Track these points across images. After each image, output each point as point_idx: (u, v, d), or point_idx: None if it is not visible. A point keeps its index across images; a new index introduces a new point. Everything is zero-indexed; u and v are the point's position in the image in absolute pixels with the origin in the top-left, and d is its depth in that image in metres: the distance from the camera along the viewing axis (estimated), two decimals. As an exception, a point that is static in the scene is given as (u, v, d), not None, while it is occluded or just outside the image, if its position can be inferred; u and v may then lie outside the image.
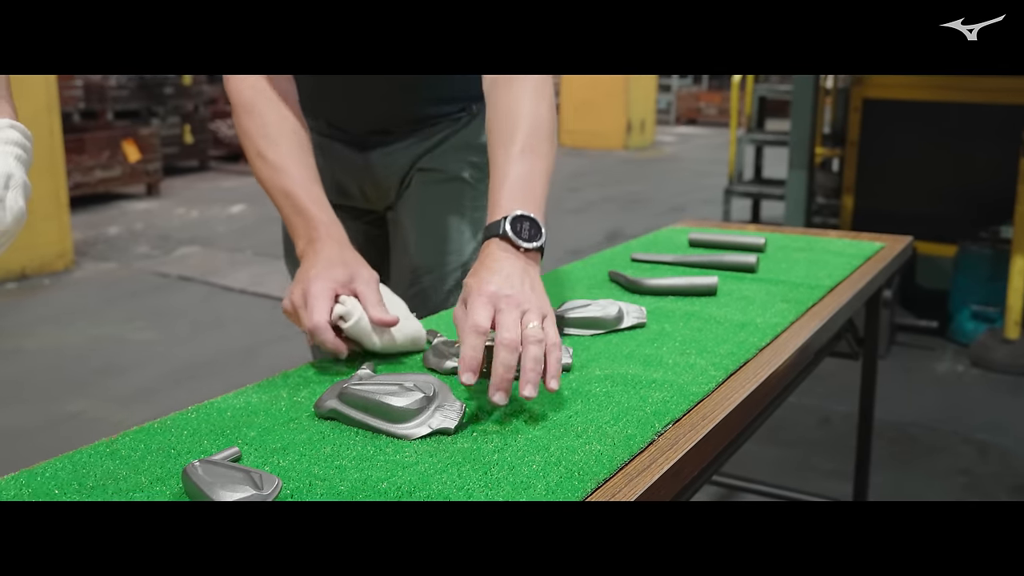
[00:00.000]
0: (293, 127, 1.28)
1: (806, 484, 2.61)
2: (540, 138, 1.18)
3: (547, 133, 1.19)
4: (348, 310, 1.11)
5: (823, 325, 1.36)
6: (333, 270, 1.14)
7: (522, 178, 1.14)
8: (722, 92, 14.43)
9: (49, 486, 0.86)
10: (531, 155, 1.15)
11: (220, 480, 0.80)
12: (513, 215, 1.09)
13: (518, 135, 1.16)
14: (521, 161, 1.15)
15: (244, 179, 8.81)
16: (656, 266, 1.66)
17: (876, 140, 4.50)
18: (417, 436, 0.93)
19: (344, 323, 1.11)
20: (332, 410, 0.98)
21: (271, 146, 1.26)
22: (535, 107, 1.19)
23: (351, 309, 1.11)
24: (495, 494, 0.81)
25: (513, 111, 1.19)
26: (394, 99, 1.47)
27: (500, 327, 0.98)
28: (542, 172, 1.16)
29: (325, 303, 1.10)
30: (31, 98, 5.15)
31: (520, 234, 1.08)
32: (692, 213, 7.18)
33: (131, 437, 0.96)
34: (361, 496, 0.82)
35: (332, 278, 1.13)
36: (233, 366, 3.84)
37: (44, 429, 3.20)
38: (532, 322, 0.99)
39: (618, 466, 0.88)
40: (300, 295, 1.12)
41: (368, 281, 1.15)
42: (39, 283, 5.16)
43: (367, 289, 1.14)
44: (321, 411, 1.00)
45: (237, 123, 1.30)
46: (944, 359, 3.90)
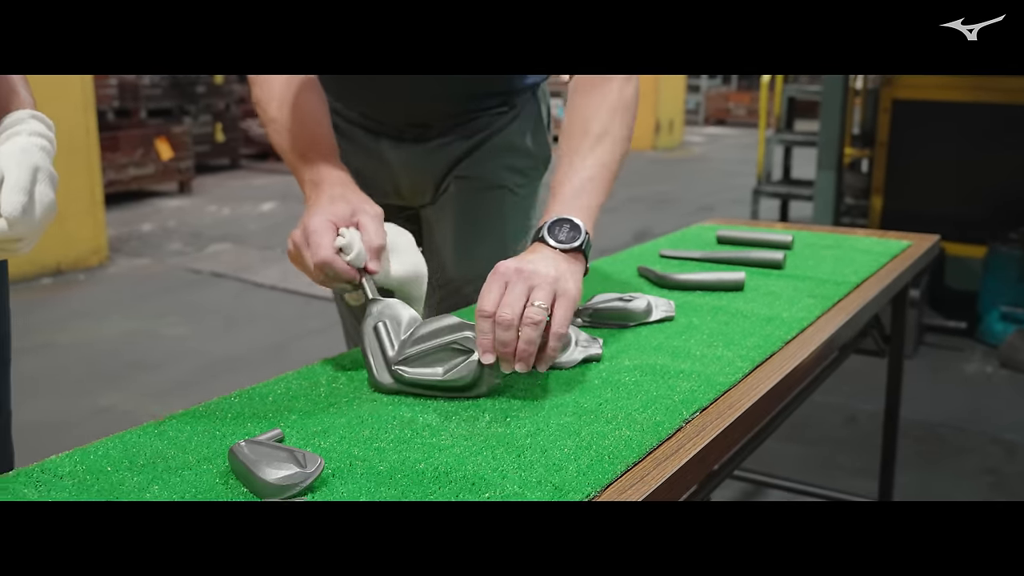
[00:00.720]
0: (300, 91, 1.31)
1: (832, 482, 2.61)
2: (605, 147, 1.21)
3: (614, 141, 1.22)
4: (348, 242, 1.11)
5: (848, 320, 1.38)
6: (334, 206, 1.15)
7: (576, 185, 1.17)
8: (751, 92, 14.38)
9: (102, 463, 0.90)
10: (592, 163, 1.19)
11: (265, 459, 0.84)
12: (553, 219, 1.13)
13: (584, 144, 1.20)
14: (581, 170, 1.18)
15: (274, 177, 8.90)
16: (684, 262, 1.69)
17: (905, 141, 4.49)
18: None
19: (345, 256, 1.11)
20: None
21: (279, 109, 1.30)
22: (609, 116, 1.23)
23: (351, 241, 1.11)
24: (528, 476, 0.85)
25: (586, 119, 1.22)
26: (433, 92, 1.46)
27: (501, 304, 1.01)
28: (599, 179, 1.19)
29: (327, 237, 1.10)
30: (68, 96, 5.24)
31: (557, 236, 1.11)
32: (720, 213, 7.18)
33: (177, 419, 1.00)
34: (399, 476, 0.85)
35: (332, 213, 1.13)
36: (264, 361, 3.89)
37: (78, 422, 3.26)
38: (539, 300, 1.02)
39: (647, 451, 0.91)
40: (301, 233, 1.13)
41: (371, 215, 1.16)
42: (74, 278, 5.24)
43: (368, 221, 1.14)
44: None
45: (252, 96, 1.35)
46: (973, 360, 3.89)
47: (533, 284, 1.03)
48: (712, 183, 8.96)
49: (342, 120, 1.52)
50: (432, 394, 1.04)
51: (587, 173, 1.19)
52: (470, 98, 1.48)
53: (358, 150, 1.52)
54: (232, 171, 9.34)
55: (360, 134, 1.52)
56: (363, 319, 1.10)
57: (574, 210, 1.14)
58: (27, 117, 0.99)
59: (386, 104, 1.48)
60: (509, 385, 1.06)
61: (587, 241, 1.13)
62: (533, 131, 1.55)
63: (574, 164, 1.19)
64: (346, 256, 1.11)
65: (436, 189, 1.54)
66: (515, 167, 1.52)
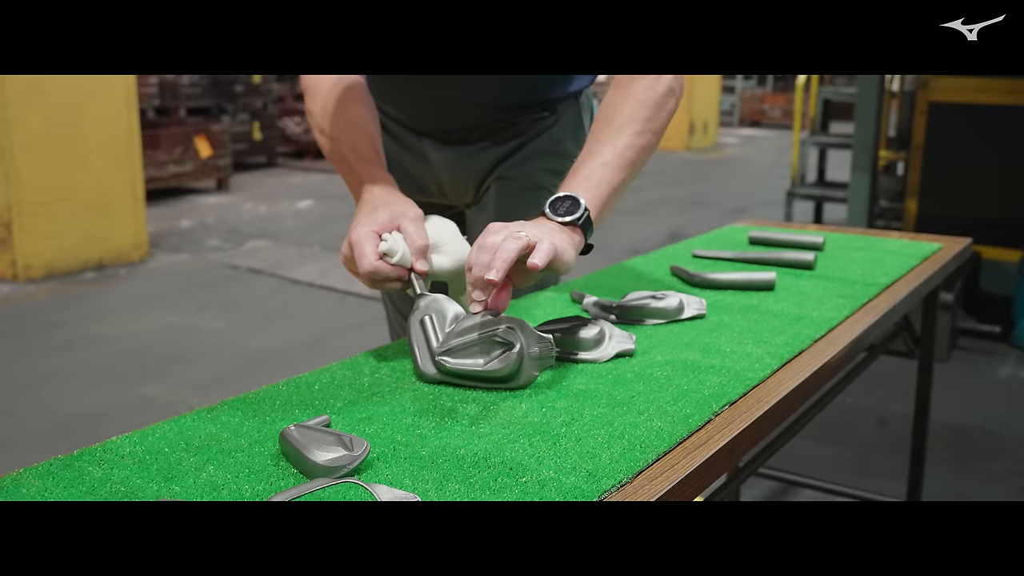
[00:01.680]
0: (348, 102, 1.39)
1: (862, 483, 2.63)
2: (624, 136, 1.26)
3: (635, 132, 1.27)
4: (390, 246, 1.17)
5: (877, 320, 1.41)
6: (375, 214, 1.21)
7: (588, 168, 1.23)
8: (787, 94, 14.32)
9: (159, 445, 0.95)
10: (609, 150, 1.24)
11: (314, 442, 0.89)
12: (556, 195, 1.19)
13: (605, 132, 1.26)
14: (597, 155, 1.24)
15: (310, 175, 9.00)
16: (716, 262, 1.72)
17: (941, 144, 4.48)
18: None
19: (390, 259, 1.17)
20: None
21: (329, 121, 1.38)
22: (634, 109, 1.27)
23: (393, 245, 1.17)
24: (563, 462, 0.89)
25: (611, 111, 1.28)
26: (476, 97, 1.50)
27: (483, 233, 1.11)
28: (613, 165, 1.24)
29: (370, 246, 1.17)
30: (112, 96, 5.34)
31: (557, 210, 1.18)
32: (754, 215, 7.18)
33: (229, 405, 1.05)
34: (441, 460, 0.90)
35: (373, 222, 1.20)
36: (302, 356, 3.96)
37: (122, 412, 3.34)
38: (523, 232, 1.10)
39: (677, 441, 0.95)
40: (347, 246, 1.20)
41: (411, 217, 1.22)
42: (115, 273, 5.35)
43: (408, 224, 1.21)
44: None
45: (305, 108, 1.44)
46: (1007, 364, 3.88)
47: (519, 232, 1.11)
48: (746, 185, 8.95)
49: (391, 121, 1.57)
50: (473, 384, 1.08)
51: (601, 159, 1.24)
52: (513, 105, 1.53)
53: (405, 150, 1.58)
54: (269, 169, 9.46)
55: (407, 135, 1.58)
56: (411, 313, 1.16)
57: (580, 189, 1.20)
58: None
59: (432, 110, 1.53)
60: (546, 378, 1.11)
61: (586, 217, 1.18)
62: (573, 134, 1.59)
63: (592, 150, 1.25)
64: (391, 259, 1.17)
65: (478, 189, 1.58)
66: (554, 169, 1.56)
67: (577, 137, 1.60)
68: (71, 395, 3.54)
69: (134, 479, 0.87)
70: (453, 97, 1.50)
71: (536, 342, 1.07)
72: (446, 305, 1.16)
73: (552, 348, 1.08)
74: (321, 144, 1.41)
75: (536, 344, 1.07)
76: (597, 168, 1.23)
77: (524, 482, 0.85)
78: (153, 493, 0.84)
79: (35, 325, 4.43)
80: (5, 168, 4.91)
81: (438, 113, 1.54)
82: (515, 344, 1.06)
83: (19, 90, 4.92)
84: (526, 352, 1.06)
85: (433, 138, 1.57)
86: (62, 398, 3.51)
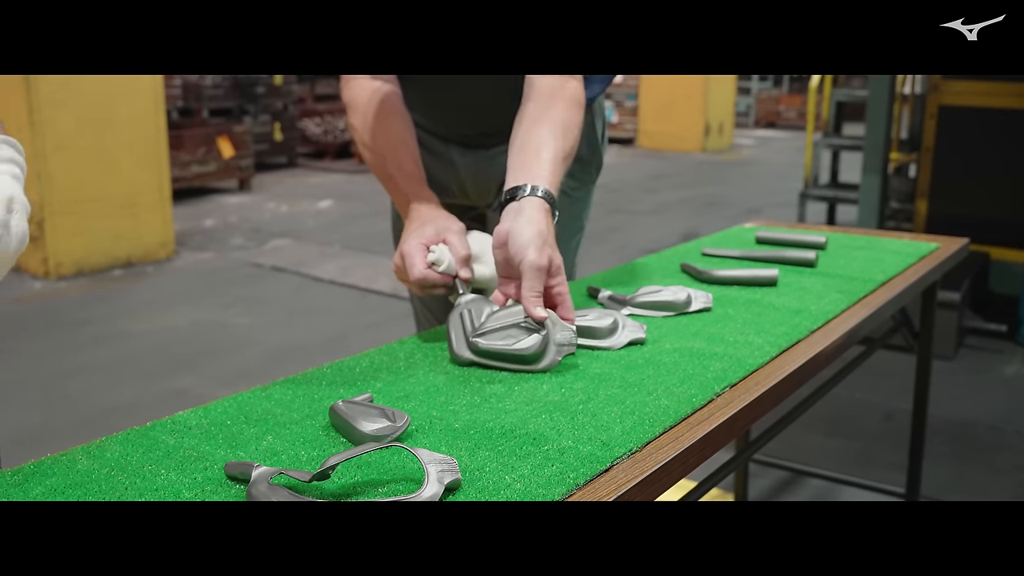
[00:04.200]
0: (388, 118, 1.52)
1: (867, 474, 2.74)
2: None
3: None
4: (438, 256, 1.34)
5: (871, 314, 1.52)
6: (423, 229, 1.38)
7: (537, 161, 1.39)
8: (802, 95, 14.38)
9: (222, 418, 1.07)
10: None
11: (361, 415, 1.01)
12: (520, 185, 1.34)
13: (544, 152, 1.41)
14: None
15: (330, 175, 9.14)
16: (723, 260, 1.83)
17: (952, 146, 4.57)
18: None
19: (438, 268, 1.34)
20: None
21: (372, 137, 1.52)
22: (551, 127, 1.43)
23: (440, 256, 1.35)
24: (581, 433, 1.00)
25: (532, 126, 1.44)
26: (495, 104, 1.61)
27: None
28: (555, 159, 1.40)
29: (419, 257, 1.34)
30: (141, 98, 5.49)
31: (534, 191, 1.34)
32: (767, 216, 7.27)
33: (280, 385, 1.17)
34: (472, 432, 1.01)
35: (421, 236, 1.37)
36: (326, 351, 4.09)
37: (155, 404, 3.48)
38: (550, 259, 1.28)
39: (682, 417, 1.06)
40: (399, 256, 1.37)
41: (455, 231, 1.39)
42: (143, 270, 5.50)
43: (453, 236, 1.38)
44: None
45: (348, 122, 1.59)
46: (1013, 362, 3.97)
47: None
48: (761, 186, 9.03)
49: (418, 128, 1.69)
50: (501, 366, 1.20)
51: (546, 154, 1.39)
52: None
53: (430, 155, 1.70)
54: (289, 169, 9.60)
55: (432, 141, 1.70)
56: (452, 308, 1.31)
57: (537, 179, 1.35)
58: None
59: (454, 114, 1.65)
60: (565, 362, 1.22)
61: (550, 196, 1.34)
62: (587, 139, 1.71)
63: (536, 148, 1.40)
64: (438, 268, 1.34)
65: (498, 191, 1.70)
66: (569, 172, 1.68)
67: (590, 141, 1.72)
68: (104, 388, 3.68)
69: (203, 446, 1.00)
70: (474, 103, 1.62)
71: (560, 330, 1.19)
72: (483, 304, 1.29)
73: (575, 337, 1.20)
74: (365, 157, 1.56)
75: (560, 332, 1.19)
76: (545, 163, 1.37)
77: (546, 450, 0.96)
78: (221, 458, 0.96)
79: (66, 321, 4.57)
80: (38, 168, 5.06)
81: (460, 118, 1.66)
82: (543, 330, 1.18)
83: (51, 93, 5.07)
84: (551, 338, 1.18)
85: (456, 143, 1.69)
86: (95, 391, 3.65)
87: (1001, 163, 4.47)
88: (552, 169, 1.36)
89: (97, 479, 0.92)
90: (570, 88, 1.46)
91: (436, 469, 0.86)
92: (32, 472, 0.94)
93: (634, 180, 9.22)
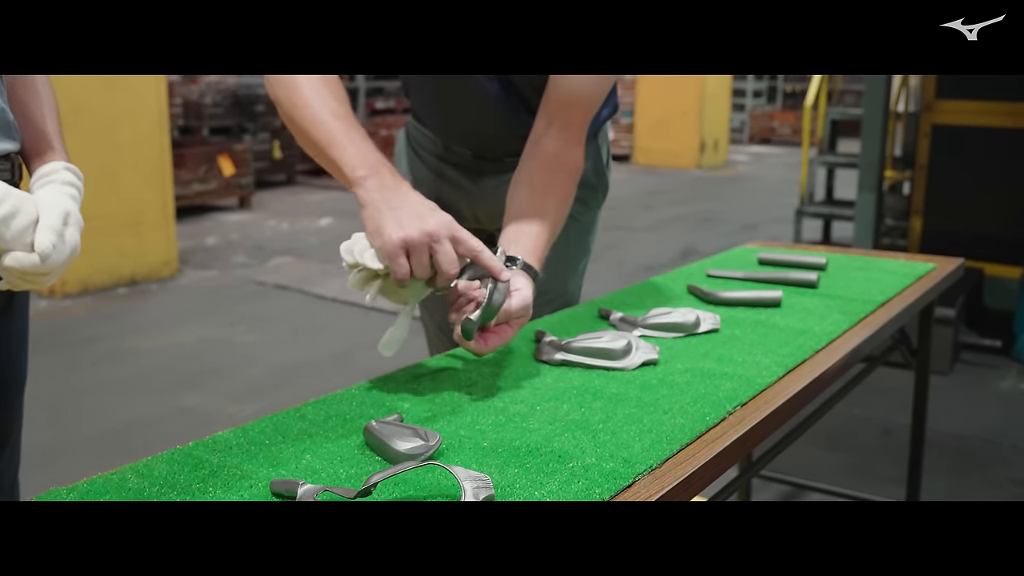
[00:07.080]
0: (321, 89, 1.37)
1: (866, 487, 2.80)
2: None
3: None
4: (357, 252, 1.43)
5: (872, 334, 1.59)
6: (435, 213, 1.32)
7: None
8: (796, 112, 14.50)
9: (260, 438, 1.13)
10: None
11: (395, 434, 1.06)
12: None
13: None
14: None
15: (329, 192, 9.21)
16: (728, 281, 1.90)
17: (945, 164, 4.66)
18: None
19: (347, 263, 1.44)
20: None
21: (301, 108, 1.37)
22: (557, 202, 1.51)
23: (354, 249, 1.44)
24: (603, 451, 1.06)
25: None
26: (503, 128, 1.67)
27: None
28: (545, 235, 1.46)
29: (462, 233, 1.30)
30: (145, 118, 5.56)
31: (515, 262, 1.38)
32: (764, 232, 7.35)
33: (312, 406, 1.23)
34: (500, 450, 1.07)
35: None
36: (332, 368, 4.15)
37: (165, 420, 3.53)
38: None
39: (697, 435, 1.12)
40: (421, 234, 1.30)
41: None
42: (147, 288, 5.55)
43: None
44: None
45: (270, 93, 1.39)
46: (1008, 377, 4.04)
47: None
48: (756, 202, 9.12)
49: (430, 156, 1.76)
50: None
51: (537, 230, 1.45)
52: None
53: (443, 181, 1.76)
54: (289, 187, 9.67)
55: (445, 168, 1.77)
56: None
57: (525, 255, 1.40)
58: (61, 168, 1.14)
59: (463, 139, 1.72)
60: (583, 384, 1.28)
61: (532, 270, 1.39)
62: (594, 165, 1.77)
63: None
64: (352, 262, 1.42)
65: None
66: (576, 197, 1.74)
67: (596, 167, 1.78)
68: (115, 405, 3.73)
69: (246, 464, 1.05)
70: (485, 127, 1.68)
71: (648, 347, 1.38)
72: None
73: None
74: (296, 132, 1.39)
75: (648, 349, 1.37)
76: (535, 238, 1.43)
77: (571, 467, 1.02)
78: (264, 476, 1.02)
79: (74, 339, 4.62)
80: (44, 188, 5.11)
81: (471, 140, 1.72)
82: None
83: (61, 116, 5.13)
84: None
85: (467, 169, 1.76)
86: (106, 408, 3.70)
87: (993, 180, 4.56)
88: (545, 248, 1.44)
89: (149, 497, 0.98)
90: (574, 158, 1.52)
91: (472, 486, 0.92)
92: (87, 490, 0.99)
93: (630, 197, 9.30)
